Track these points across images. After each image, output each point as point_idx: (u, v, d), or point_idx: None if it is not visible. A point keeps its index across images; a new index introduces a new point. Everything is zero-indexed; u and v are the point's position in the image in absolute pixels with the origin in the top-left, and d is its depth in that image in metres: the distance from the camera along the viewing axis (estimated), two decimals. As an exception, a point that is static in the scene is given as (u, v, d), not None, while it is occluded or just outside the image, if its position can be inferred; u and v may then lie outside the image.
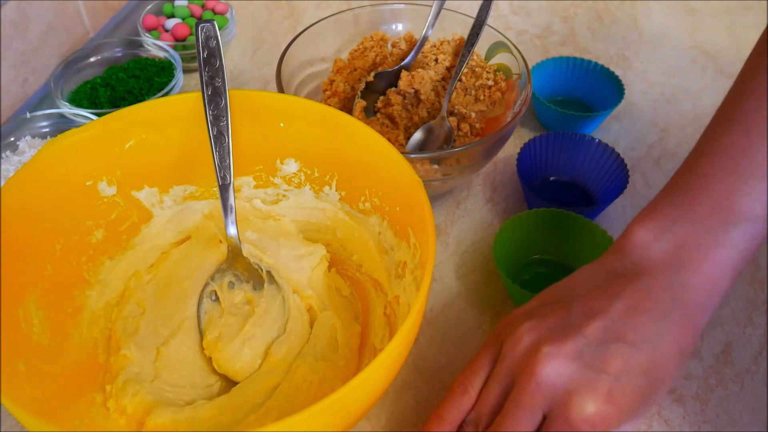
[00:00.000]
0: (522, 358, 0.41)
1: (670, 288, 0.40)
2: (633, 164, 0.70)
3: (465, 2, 0.74)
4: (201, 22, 0.51)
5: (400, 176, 0.48)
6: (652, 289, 0.40)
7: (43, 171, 0.47)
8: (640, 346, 0.39)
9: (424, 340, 0.55)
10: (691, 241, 0.40)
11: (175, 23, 0.80)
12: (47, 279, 0.48)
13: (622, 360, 0.39)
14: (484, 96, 0.68)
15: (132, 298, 0.52)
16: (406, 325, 0.38)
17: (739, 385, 0.53)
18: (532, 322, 0.42)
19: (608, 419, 0.39)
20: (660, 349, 0.39)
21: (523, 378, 0.40)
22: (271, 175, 0.57)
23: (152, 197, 0.55)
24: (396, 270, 0.51)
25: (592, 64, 0.75)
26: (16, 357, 0.42)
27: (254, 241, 0.55)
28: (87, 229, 0.51)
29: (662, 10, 0.95)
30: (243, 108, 0.52)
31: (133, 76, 0.72)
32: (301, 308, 0.52)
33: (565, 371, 0.39)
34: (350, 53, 0.72)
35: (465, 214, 0.66)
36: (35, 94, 0.76)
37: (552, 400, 0.39)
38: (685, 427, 0.50)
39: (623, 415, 0.39)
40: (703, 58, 0.86)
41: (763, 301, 0.58)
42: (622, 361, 0.39)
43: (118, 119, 0.51)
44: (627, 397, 0.39)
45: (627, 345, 0.39)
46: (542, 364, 0.40)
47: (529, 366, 0.40)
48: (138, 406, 0.46)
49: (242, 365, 0.49)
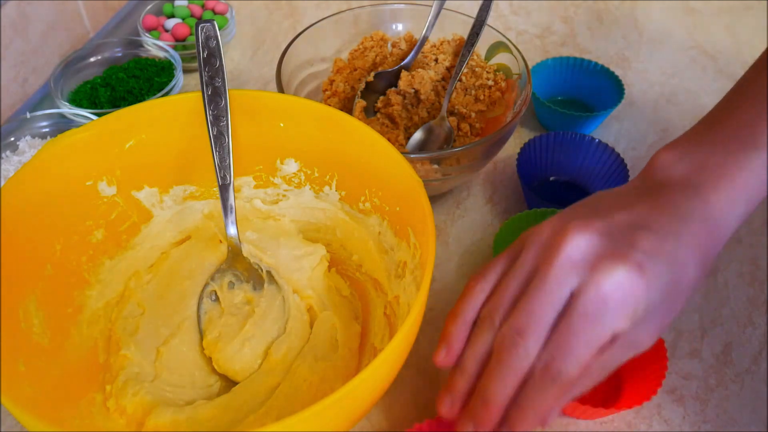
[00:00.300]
0: (548, 240, 0.39)
1: (692, 201, 0.40)
2: (633, 164, 0.70)
3: (465, 2, 0.74)
4: (201, 22, 0.51)
5: (400, 176, 0.48)
6: (675, 199, 0.40)
7: (43, 171, 0.47)
8: (664, 237, 0.38)
9: (424, 340, 0.55)
10: (712, 162, 0.40)
11: (175, 23, 0.80)
12: (47, 279, 0.47)
13: (649, 243, 0.38)
14: (484, 96, 0.68)
15: (132, 298, 0.52)
16: (406, 325, 0.38)
17: (739, 385, 0.53)
18: (557, 216, 0.41)
19: (637, 295, 0.37)
20: (682, 245, 0.38)
21: (549, 253, 0.38)
22: (271, 175, 0.57)
23: (152, 197, 0.55)
24: (396, 270, 0.51)
25: (592, 64, 0.75)
26: (16, 357, 0.42)
27: (254, 241, 0.55)
28: (87, 229, 0.51)
29: (662, 10, 0.95)
30: (243, 108, 0.52)
31: (133, 76, 0.72)
32: (301, 308, 0.52)
33: (595, 242, 0.38)
34: (350, 53, 0.72)
35: (465, 214, 0.66)
36: (35, 94, 0.76)
37: (581, 273, 0.37)
38: (685, 427, 0.50)
39: (650, 299, 0.37)
40: (703, 58, 0.86)
41: (763, 301, 0.58)
42: (650, 244, 0.38)
43: (118, 119, 0.51)
44: (656, 279, 0.37)
45: (653, 232, 0.38)
46: (571, 236, 0.38)
47: (555, 242, 0.38)
48: (138, 406, 0.46)
49: (242, 365, 0.49)
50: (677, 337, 0.55)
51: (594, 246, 0.38)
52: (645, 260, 0.37)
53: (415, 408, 0.51)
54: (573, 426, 0.50)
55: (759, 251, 0.62)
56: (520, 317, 0.38)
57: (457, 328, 0.41)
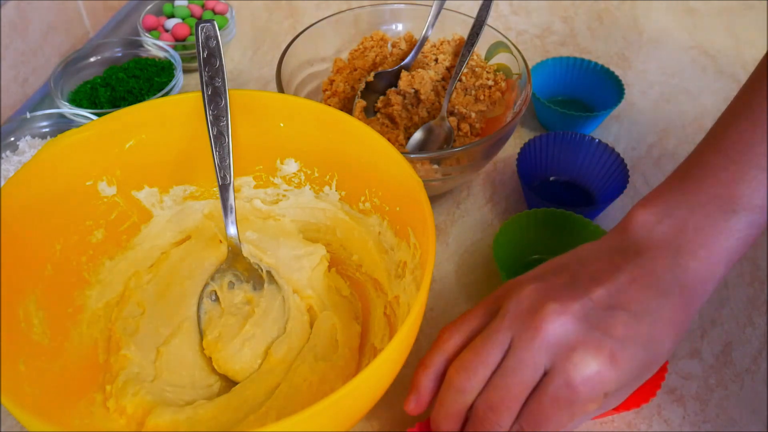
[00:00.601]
0: (526, 315, 0.41)
1: (671, 268, 0.40)
2: (633, 164, 0.70)
3: (465, 2, 0.74)
4: (201, 22, 0.51)
5: (400, 176, 0.48)
6: (654, 267, 0.41)
7: (43, 171, 0.47)
8: (641, 318, 0.39)
9: (424, 340, 0.55)
10: (691, 226, 0.41)
11: (175, 23, 0.80)
12: (47, 279, 0.48)
13: (625, 327, 0.39)
14: (484, 96, 0.68)
15: (132, 298, 0.52)
16: (406, 325, 0.38)
17: (739, 385, 0.53)
18: (537, 284, 0.42)
19: (607, 382, 0.39)
20: (658, 324, 0.40)
21: (526, 333, 0.40)
22: (271, 175, 0.57)
23: (152, 197, 0.55)
24: (396, 270, 0.51)
25: (592, 64, 0.75)
26: (16, 357, 0.42)
27: (254, 241, 0.55)
28: (87, 229, 0.51)
29: (662, 10, 0.95)
30: (243, 108, 0.52)
31: (133, 76, 0.72)
32: (301, 308, 0.52)
33: (570, 328, 0.39)
34: (350, 53, 0.72)
35: (465, 214, 0.66)
36: (35, 94, 0.76)
37: (555, 356, 0.39)
38: (685, 427, 0.50)
39: (621, 381, 0.39)
40: (703, 58, 0.86)
41: (763, 302, 0.58)
42: (625, 329, 0.39)
43: (118, 119, 0.51)
44: (628, 364, 0.39)
45: (630, 314, 0.39)
46: (548, 320, 0.40)
47: (533, 321, 0.40)
48: (138, 406, 0.46)
49: (242, 365, 0.49)
50: (677, 337, 0.55)
51: (569, 332, 0.39)
52: (618, 349, 0.39)
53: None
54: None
55: (759, 251, 0.62)
56: (496, 393, 0.40)
57: (427, 379, 0.44)
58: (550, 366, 0.40)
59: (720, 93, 0.81)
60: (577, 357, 0.39)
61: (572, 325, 0.39)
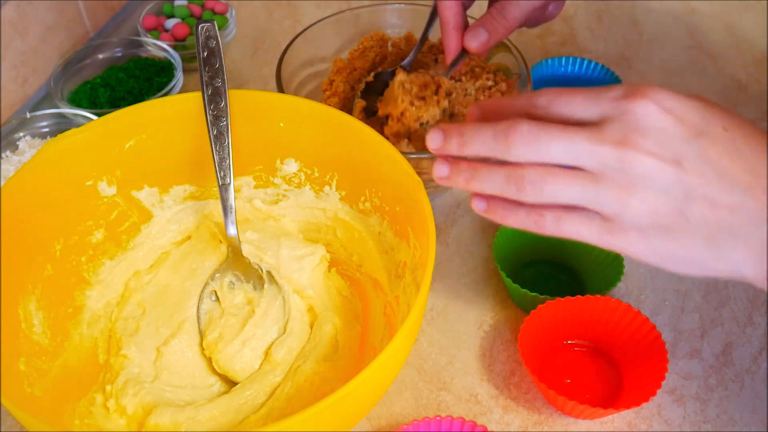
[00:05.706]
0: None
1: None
2: (633, 164, 0.70)
3: (465, 2, 0.74)
4: (201, 22, 0.51)
5: (400, 176, 0.48)
6: None
7: (43, 171, 0.47)
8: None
9: (424, 340, 0.55)
10: None
11: (175, 23, 0.80)
12: (47, 279, 0.48)
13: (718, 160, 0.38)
14: (484, 96, 0.68)
15: (132, 298, 0.52)
16: (406, 325, 0.39)
17: (739, 385, 0.53)
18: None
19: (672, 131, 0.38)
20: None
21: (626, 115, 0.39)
22: (271, 175, 0.57)
23: (152, 197, 0.55)
24: (396, 270, 0.51)
25: (592, 64, 0.75)
26: (16, 357, 0.42)
27: (254, 241, 0.55)
28: (87, 229, 0.51)
29: (662, 10, 0.94)
30: (243, 108, 0.52)
31: (133, 76, 0.72)
32: (302, 308, 0.52)
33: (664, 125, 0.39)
34: (350, 53, 0.72)
35: (465, 214, 0.66)
36: (35, 94, 0.76)
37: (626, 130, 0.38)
38: (685, 427, 0.50)
39: (685, 135, 0.38)
40: (703, 58, 0.86)
41: (763, 302, 0.58)
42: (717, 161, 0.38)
43: (118, 119, 0.51)
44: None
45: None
46: (648, 108, 0.39)
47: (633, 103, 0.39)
48: (138, 406, 0.46)
49: (242, 366, 0.49)
50: (677, 337, 0.55)
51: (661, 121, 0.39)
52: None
53: (414, 408, 0.51)
54: (573, 426, 0.50)
55: (759, 251, 0.62)
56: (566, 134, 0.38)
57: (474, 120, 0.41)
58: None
59: (720, 93, 0.80)
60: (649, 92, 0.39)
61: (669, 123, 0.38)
